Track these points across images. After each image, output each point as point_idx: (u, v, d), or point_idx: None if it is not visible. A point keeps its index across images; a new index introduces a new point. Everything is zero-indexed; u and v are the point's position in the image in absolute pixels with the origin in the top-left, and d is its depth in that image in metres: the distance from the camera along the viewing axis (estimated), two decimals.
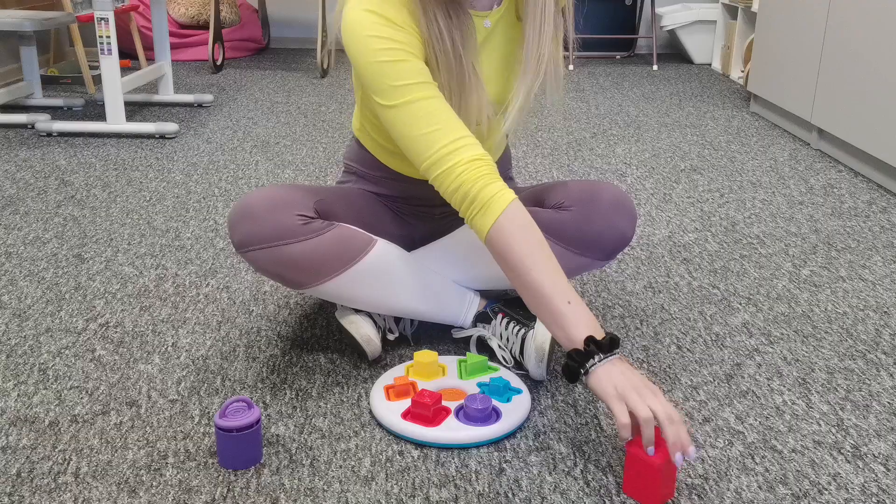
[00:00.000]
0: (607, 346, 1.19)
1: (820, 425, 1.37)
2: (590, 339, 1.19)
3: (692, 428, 1.35)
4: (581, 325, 1.20)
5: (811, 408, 1.42)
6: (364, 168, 1.58)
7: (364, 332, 1.49)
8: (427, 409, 1.30)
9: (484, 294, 1.58)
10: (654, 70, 4.76)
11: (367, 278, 1.43)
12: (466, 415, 1.32)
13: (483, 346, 1.55)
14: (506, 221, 1.23)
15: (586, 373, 1.18)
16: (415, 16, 1.30)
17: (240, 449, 1.22)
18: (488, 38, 1.41)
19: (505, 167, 1.66)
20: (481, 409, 1.31)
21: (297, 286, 1.42)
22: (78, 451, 1.27)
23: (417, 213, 1.61)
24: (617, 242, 1.43)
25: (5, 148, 2.99)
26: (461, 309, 1.53)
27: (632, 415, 1.14)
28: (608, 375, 1.16)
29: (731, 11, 4.73)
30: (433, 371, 1.42)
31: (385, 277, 1.44)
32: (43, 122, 3.17)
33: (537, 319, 1.47)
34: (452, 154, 1.25)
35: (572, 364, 1.19)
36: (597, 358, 1.17)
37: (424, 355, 1.42)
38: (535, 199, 1.52)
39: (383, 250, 1.45)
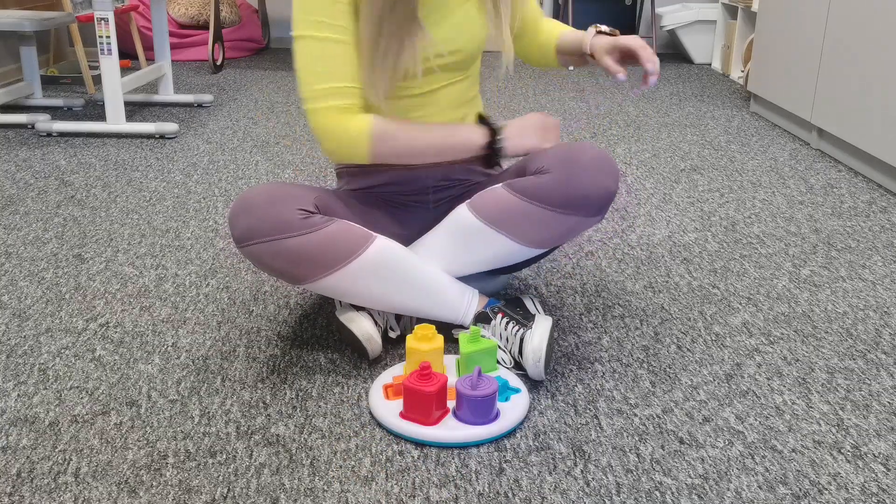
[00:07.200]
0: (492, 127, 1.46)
1: (820, 425, 1.37)
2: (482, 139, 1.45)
3: (692, 427, 1.35)
4: (467, 134, 1.46)
5: (811, 408, 1.42)
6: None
7: (365, 329, 1.49)
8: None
9: (483, 292, 1.58)
10: None
11: (367, 274, 1.43)
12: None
13: None
14: (377, 139, 1.42)
15: (500, 154, 1.47)
16: None
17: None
18: None
19: None
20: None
21: (297, 281, 1.43)
22: (78, 451, 1.27)
23: (412, 204, 1.61)
24: (602, 198, 1.42)
25: (5, 148, 2.99)
26: (461, 307, 1.53)
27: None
28: (516, 137, 1.47)
29: (731, 11, 4.73)
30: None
31: (385, 273, 1.45)
32: (43, 122, 3.17)
33: (535, 320, 1.47)
34: (327, 97, 1.40)
35: (488, 156, 1.46)
36: (497, 138, 1.46)
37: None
38: (518, 171, 1.53)
39: (383, 246, 1.45)
